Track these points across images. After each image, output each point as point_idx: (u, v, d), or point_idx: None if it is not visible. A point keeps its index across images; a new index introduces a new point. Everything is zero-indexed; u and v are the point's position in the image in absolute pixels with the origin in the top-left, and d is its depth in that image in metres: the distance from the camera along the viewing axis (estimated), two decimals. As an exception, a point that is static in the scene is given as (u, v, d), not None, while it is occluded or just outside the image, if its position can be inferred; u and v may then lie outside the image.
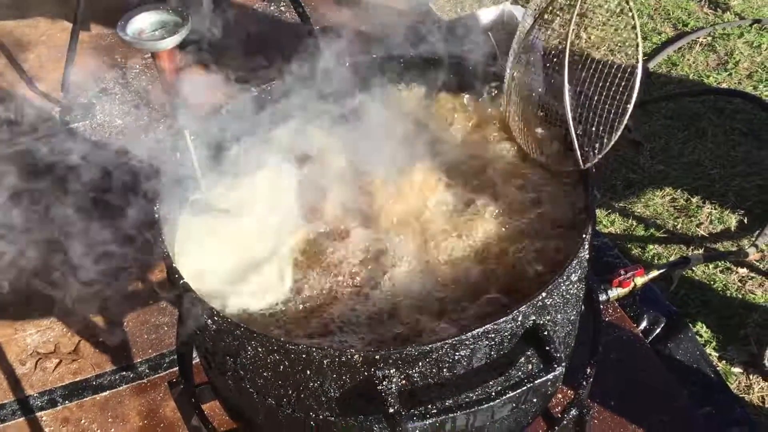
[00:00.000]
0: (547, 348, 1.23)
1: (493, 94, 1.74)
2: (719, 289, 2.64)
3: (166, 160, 1.52)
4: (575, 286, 1.37)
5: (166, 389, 2.46)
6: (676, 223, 2.88)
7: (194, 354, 1.72)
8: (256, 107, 1.65)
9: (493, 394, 1.19)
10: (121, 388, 2.50)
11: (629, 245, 2.83)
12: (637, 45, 1.50)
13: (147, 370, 2.54)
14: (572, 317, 1.44)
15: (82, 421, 2.41)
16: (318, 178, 1.62)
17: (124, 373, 2.54)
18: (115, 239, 2.93)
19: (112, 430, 2.38)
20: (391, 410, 1.16)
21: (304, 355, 1.21)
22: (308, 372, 1.24)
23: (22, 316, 2.71)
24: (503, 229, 1.51)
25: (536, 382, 1.19)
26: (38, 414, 2.44)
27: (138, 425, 2.39)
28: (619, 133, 1.45)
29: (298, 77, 1.67)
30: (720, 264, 2.70)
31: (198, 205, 1.53)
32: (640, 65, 1.49)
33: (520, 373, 1.32)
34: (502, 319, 1.22)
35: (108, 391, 2.49)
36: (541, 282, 1.38)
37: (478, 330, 1.21)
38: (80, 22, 3.34)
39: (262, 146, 1.67)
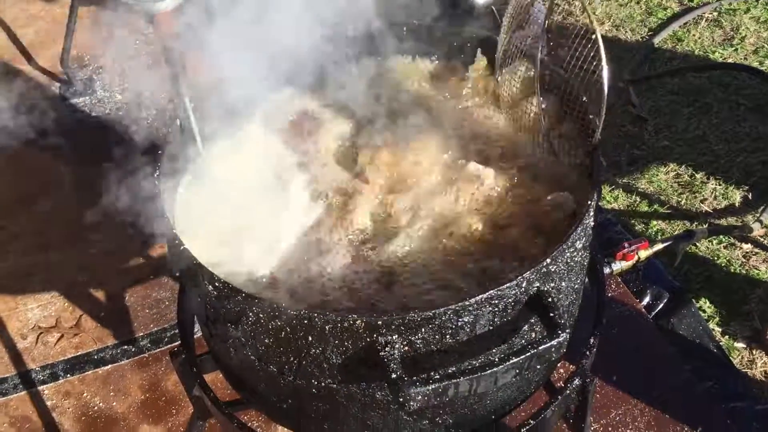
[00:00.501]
0: (551, 315, 1.22)
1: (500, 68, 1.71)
2: (723, 264, 2.63)
3: (165, 129, 1.50)
4: (580, 253, 1.36)
5: (168, 363, 2.46)
6: (680, 199, 2.87)
7: (196, 327, 1.71)
8: (257, 72, 1.62)
9: (497, 360, 1.17)
10: (122, 362, 2.50)
11: (632, 221, 2.81)
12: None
13: (148, 345, 2.54)
14: (576, 286, 1.43)
15: (84, 395, 2.41)
16: (319, 142, 1.61)
17: (125, 347, 2.54)
18: (114, 210, 2.93)
19: (114, 403, 2.39)
20: (394, 376, 1.15)
21: (305, 321, 1.20)
22: (310, 338, 1.23)
23: (23, 291, 2.71)
24: (507, 197, 1.50)
25: (540, 348, 1.18)
26: (40, 387, 2.44)
27: (140, 399, 2.39)
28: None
29: (302, 44, 1.64)
30: (724, 240, 2.68)
31: (198, 172, 1.51)
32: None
33: (523, 341, 1.31)
34: (505, 286, 1.21)
35: (110, 365, 2.49)
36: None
37: (481, 296, 1.19)
38: (79, -4, 3.30)
39: (264, 112, 1.65)
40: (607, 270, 2.08)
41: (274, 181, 1.53)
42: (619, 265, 2.11)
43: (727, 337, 2.45)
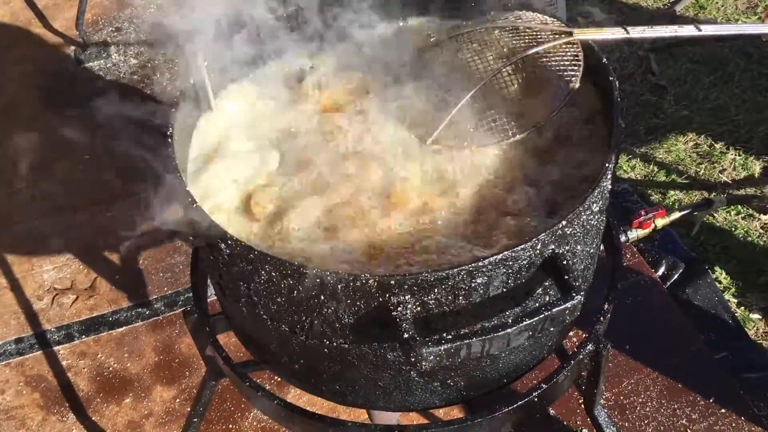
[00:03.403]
0: (566, 277, 1.20)
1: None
2: (740, 235, 2.60)
3: (175, 93, 1.49)
4: (596, 217, 1.34)
5: (182, 326, 2.48)
6: (698, 169, 2.83)
7: (210, 290, 1.71)
8: (273, 32, 1.61)
9: (510, 321, 1.17)
10: (136, 324, 2.52)
11: (649, 191, 2.78)
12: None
13: (162, 307, 2.55)
14: (591, 250, 1.41)
15: (99, 356, 2.44)
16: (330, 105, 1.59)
17: (139, 309, 2.55)
18: (129, 173, 2.93)
19: (129, 364, 2.41)
20: (406, 336, 1.15)
21: (318, 280, 1.20)
22: (322, 297, 1.22)
23: (38, 252, 2.73)
24: (524, 159, 1.48)
25: (554, 310, 1.17)
26: (56, 348, 2.47)
27: (154, 360, 2.41)
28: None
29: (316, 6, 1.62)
30: (742, 210, 2.65)
31: (210, 129, 1.51)
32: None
33: (536, 304, 1.30)
34: (520, 247, 1.19)
35: (124, 327, 2.51)
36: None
37: (495, 257, 1.18)
38: (94, -41, 3.28)
39: (278, 69, 1.64)
40: (623, 237, 2.05)
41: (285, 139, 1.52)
42: (635, 233, 2.09)
43: (742, 308, 2.43)
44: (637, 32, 1.46)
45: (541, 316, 1.17)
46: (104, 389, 2.35)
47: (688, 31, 1.47)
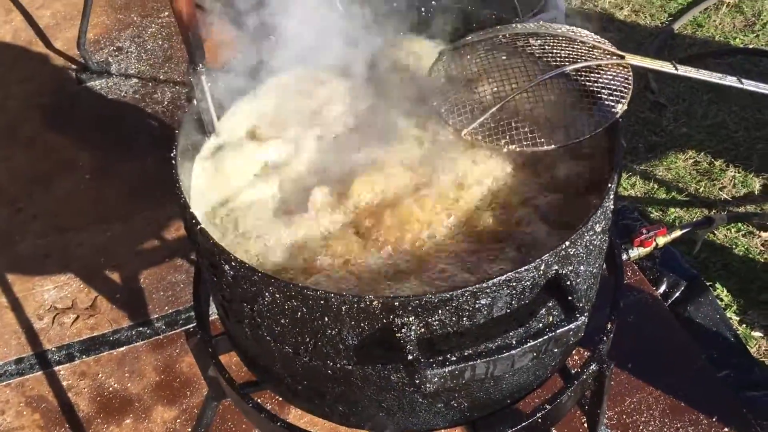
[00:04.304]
0: (570, 298, 1.21)
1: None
2: (741, 253, 2.60)
3: (176, 112, 1.50)
4: (599, 237, 1.34)
5: (183, 345, 2.47)
6: (698, 187, 2.83)
7: (212, 309, 1.71)
8: (270, 53, 1.62)
9: (514, 343, 1.16)
10: (137, 343, 2.51)
11: (650, 208, 2.78)
12: None
13: (163, 327, 2.55)
14: (594, 270, 1.41)
15: (100, 376, 2.43)
16: (329, 123, 1.60)
17: (140, 329, 2.55)
18: (130, 191, 2.94)
19: (129, 384, 2.40)
20: (410, 358, 1.14)
21: (322, 302, 1.20)
22: (326, 319, 1.22)
23: (39, 271, 2.73)
24: (524, 180, 1.48)
25: (558, 331, 1.17)
26: (56, 368, 2.46)
27: (155, 380, 2.40)
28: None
29: (316, 25, 1.63)
30: (742, 228, 2.65)
31: (213, 148, 1.51)
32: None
33: (540, 324, 1.30)
34: (524, 268, 1.20)
35: (125, 347, 2.50)
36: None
37: (499, 278, 1.18)
38: (96, -21, 3.30)
39: (279, 90, 1.65)
40: (624, 256, 2.06)
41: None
42: (636, 252, 2.09)
43: (744, 325, 2.43)
44: (684, 71, 1.50)
45: (545, 337, 1.16)
46: (105, 410, 2.34)
47: (731, 81, 1.55)
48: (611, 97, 1.45)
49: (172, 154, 1.41)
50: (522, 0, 3.17)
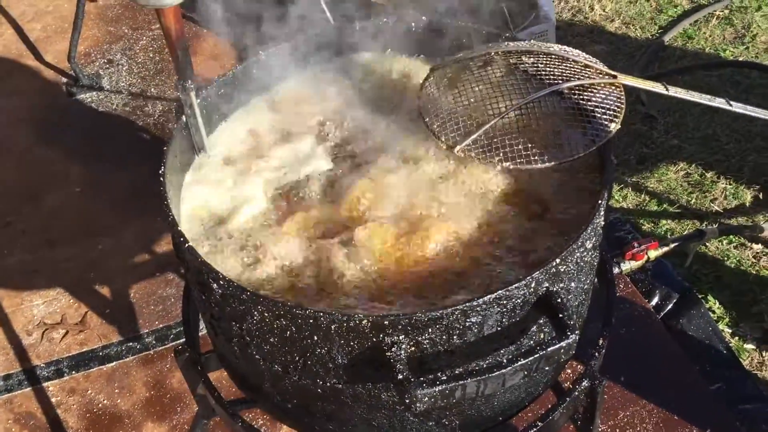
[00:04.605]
0: (561, 315, 1.20)
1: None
2: (733, 265, 2.60)
3: (171, 124, 1.49)
4: (589, 253, 1.34)
5: (173, 360, 2.45)
6: (689, 199, 2.84)
7: (201, 325, 1.70)
8: (262, 69, 1.62)
9: (505, 361, 1.16)
10: (127, 359, 2.49)
11: (642, 220, 2.78)
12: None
13: (153, 342, 2.53)
14: (586, 286, 1.41)
15: (89, 392, 2.41)
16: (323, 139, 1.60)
17: (130, 344, 2.53)
18: (120, 206, 2.92)
19: (119, 400, 2.38)
20: (400, 377, 1.13)
21: (311, 321, 1.18)
22: (315, 338, 1.21)
23: (29, 287, 2.71)
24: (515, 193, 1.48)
25: (549, 349, 1.16)
26: (45, 384, 2.44)
27: (145, 396, 2.38)
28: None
29: (307, 41, 1.63)
30: (734, 240, 2.66)
31: (203, 166, 1.50)
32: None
33: (531, 342, 1.29)
34: (514, 286, 1.19)
35: (115, 362, 2.48)
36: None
37: (489, 296, 1.17)
38: (86, -8, 3.29)
39: (267, 105, 1.64)
40: (616, 270, 2.06)
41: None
42: (628, 265, 2.09)
43: (737, 338, 2.43)
44: (674, 92, 1.51)
45: (536, 356, 1.16)
46: (94, 426, 2.31)
47: (720, 103, 1.59)
48: (605, 116, 1.44)
49: (160, 171, 1.40)
50: (513, 13, 3.18)
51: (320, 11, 1.65)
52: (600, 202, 1.30)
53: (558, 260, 1.23)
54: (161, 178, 1.38)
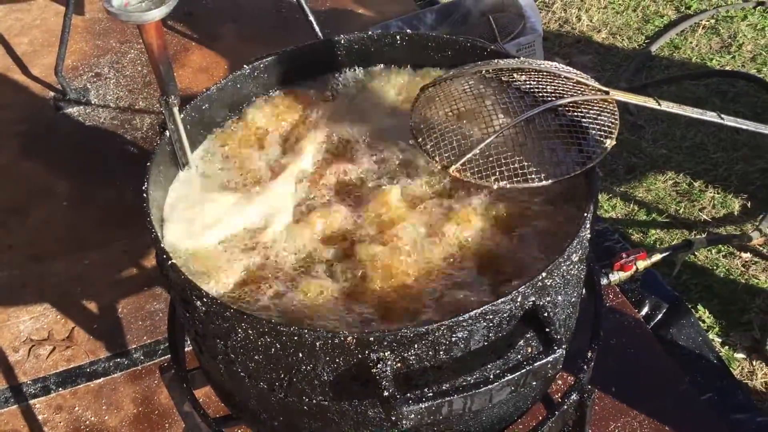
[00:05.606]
0: (547, 330, 1.19)
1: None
2: (722, 274, 2.60)
3: (155, 139, 1.48)
4: (576, 266, 1.33)
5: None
6: (678, 208, 2.84)
7: (187, 341, 1.68)
8: (246, 83, 1.61)
9: (492, 377, 1.15)
10: (115, 375, 2.47)
11: (630, 230, 2.79)
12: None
13: (141, 357, 2.50)
14: (573, 299, 1.40)
15: (76, 409, 2.38)
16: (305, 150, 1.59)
17: (118, 359, 2.50)
18: (106, 221, 2.90)
19: (107, 417, 2.35)
20: (386, 394, 1.12)
21: (295, 338, 1.17)
22: (300, 355, 1.20)
23: (15, 302, 2.68)
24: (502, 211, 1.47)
25: (536, 364, 1.15)
26: (31, 401, 2.41)
27: (132, 412, 2.36)
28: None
29: (291, 53, 1.63)
30: (723, 249, 2.66)
31: (187, 181, 1.49)
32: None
33: (518, 356, 1.28)
34: (500, 300, 1.18)
35: (102, 378, 2.46)
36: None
37: (475, 311, 1.17)
38: (73, 6, 3.28)
39: (252, 119, 1.63)
40: (604, 281, 2.05)
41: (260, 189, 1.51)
42: (617, 276, 2.09)
43: (726, 347, 2.42)
44: (666, 106, 1.51)
45: (523, 370, 1.15)
46: (81, 444, 2.29)
47: (711, 117, 1.57)
48: (600, 132, 1.44)
49: (143, 187, 1.39)
50: (500, 24, 3.19)
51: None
52: (585, 214, 1.30)
53: (544, 274, 1.22)
54: (144, 194, 1.37)
